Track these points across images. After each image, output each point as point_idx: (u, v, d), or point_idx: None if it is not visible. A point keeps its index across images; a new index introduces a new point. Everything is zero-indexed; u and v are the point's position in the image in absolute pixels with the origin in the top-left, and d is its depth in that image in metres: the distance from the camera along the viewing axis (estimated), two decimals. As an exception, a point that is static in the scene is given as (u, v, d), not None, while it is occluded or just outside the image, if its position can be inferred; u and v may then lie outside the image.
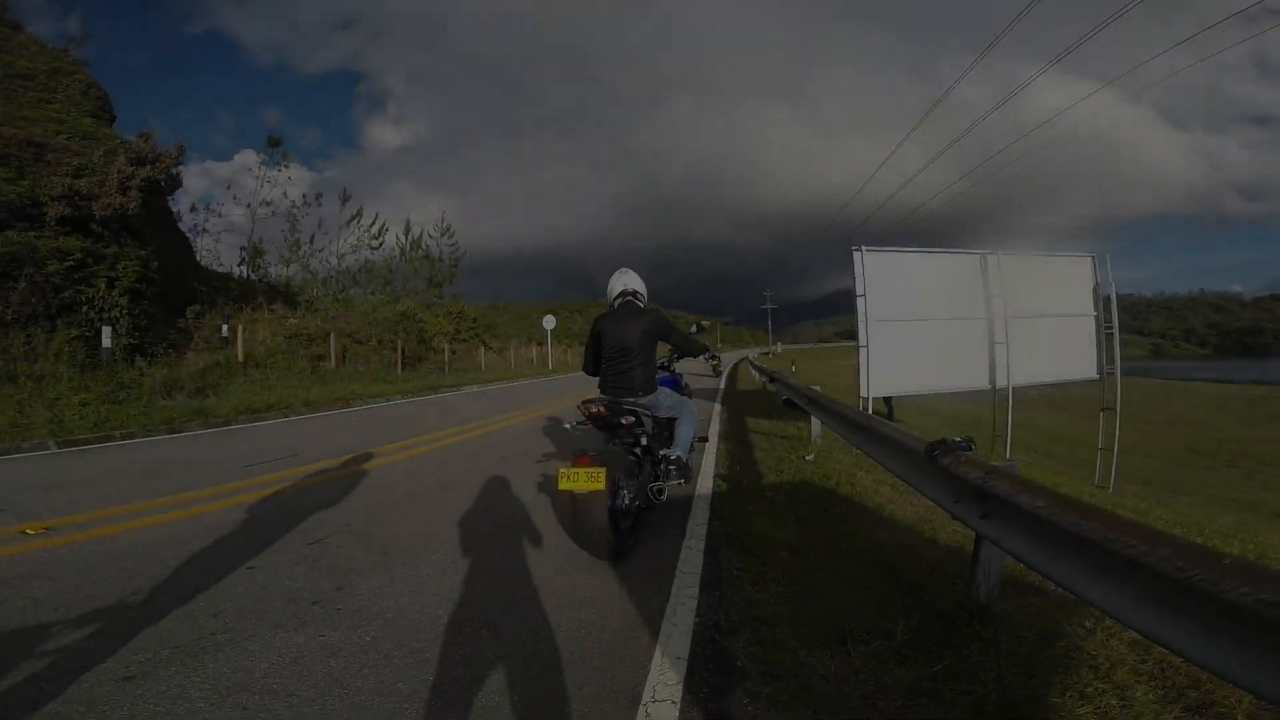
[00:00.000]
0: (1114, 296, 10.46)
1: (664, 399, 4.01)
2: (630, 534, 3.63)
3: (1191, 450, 19.35)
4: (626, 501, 3.55)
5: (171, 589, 2.99)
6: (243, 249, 22.04)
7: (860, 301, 8.79)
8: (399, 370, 19.26)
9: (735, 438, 8.22)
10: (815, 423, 8.11)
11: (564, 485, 3.14)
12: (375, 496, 4.84)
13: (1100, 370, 10.43)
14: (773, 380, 13.13)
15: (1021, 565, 2.42)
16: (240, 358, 13.79)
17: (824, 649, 2.53)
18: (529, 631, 2.64)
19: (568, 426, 4.32)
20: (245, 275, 21.14)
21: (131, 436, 8.61)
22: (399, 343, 20.30)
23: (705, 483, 5.49)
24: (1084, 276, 10.41)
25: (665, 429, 4.17)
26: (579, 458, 3.23)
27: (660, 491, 3.79)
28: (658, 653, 2.46)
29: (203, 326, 14.21)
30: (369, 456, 6.68)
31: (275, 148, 23.17)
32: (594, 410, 3.70)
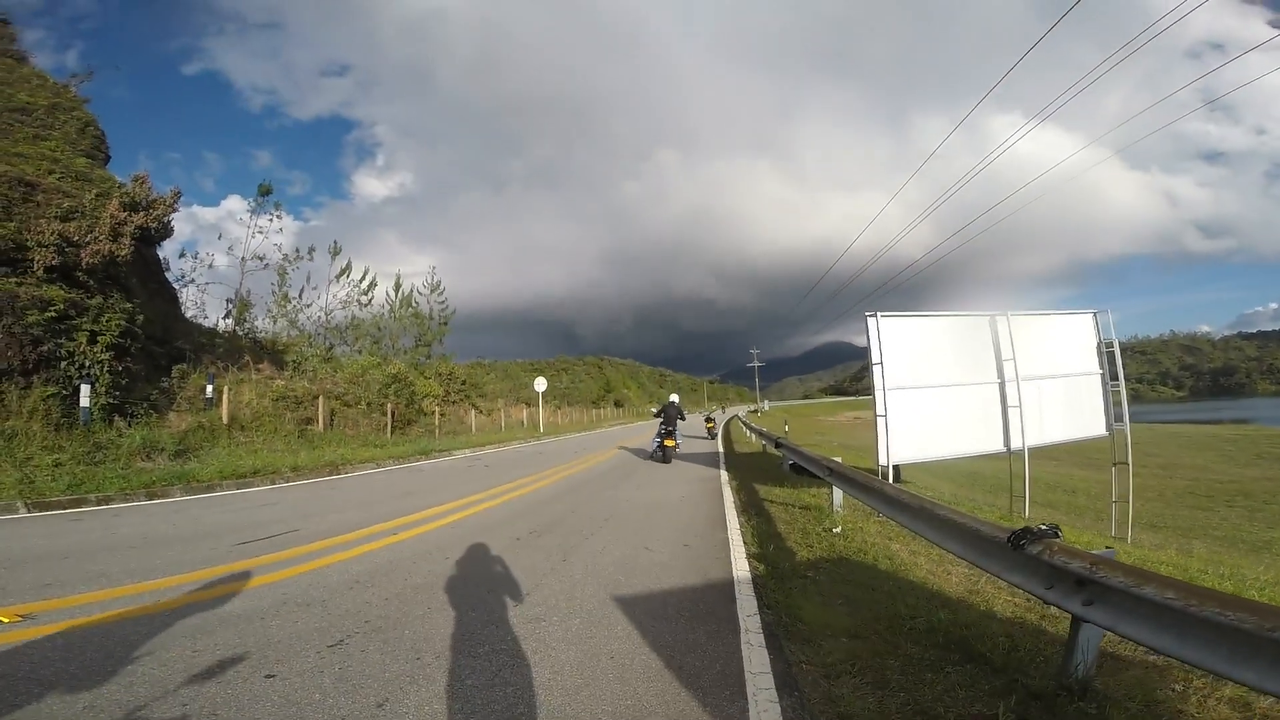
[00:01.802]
0: (1118, 354, 10.61)
1: (677, 433, 14.71)
2: (666, 458, 14.44)
3: (1189, 492, 19.53)
4: (663, 452, 14.48)
5: (180, 703, 2.55)
6: (229, 301, 21.49)
7: (877, 370, 8.70)
8: (388, 434, 18.66)
9: (753, 509, 7.89)
10: (837, 493, 7.85)
11: (667, 443, 14.52)
12: (391, 584, 4.37)
13: (1109, 427, 10.47)
14: (778, 445, 12.87)
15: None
16: (225, 420, 13.21)
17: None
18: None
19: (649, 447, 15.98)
20: (231, 330, 20.55)
21: (108, 501, 8.05)
22: (389, 406, 19.77)
23: (740, 563, 5.18)
24: (1087, 333, 10.60)
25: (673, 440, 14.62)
26: (666, 439, 14.61)
27: (668, 456, 14.56)
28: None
29: (186, 386, 13.66)
30: (375, 535, 6.21)
31: (266, 196, 22.98)
32: (662, 435, 14.77)
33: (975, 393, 9.63)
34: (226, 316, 21.27)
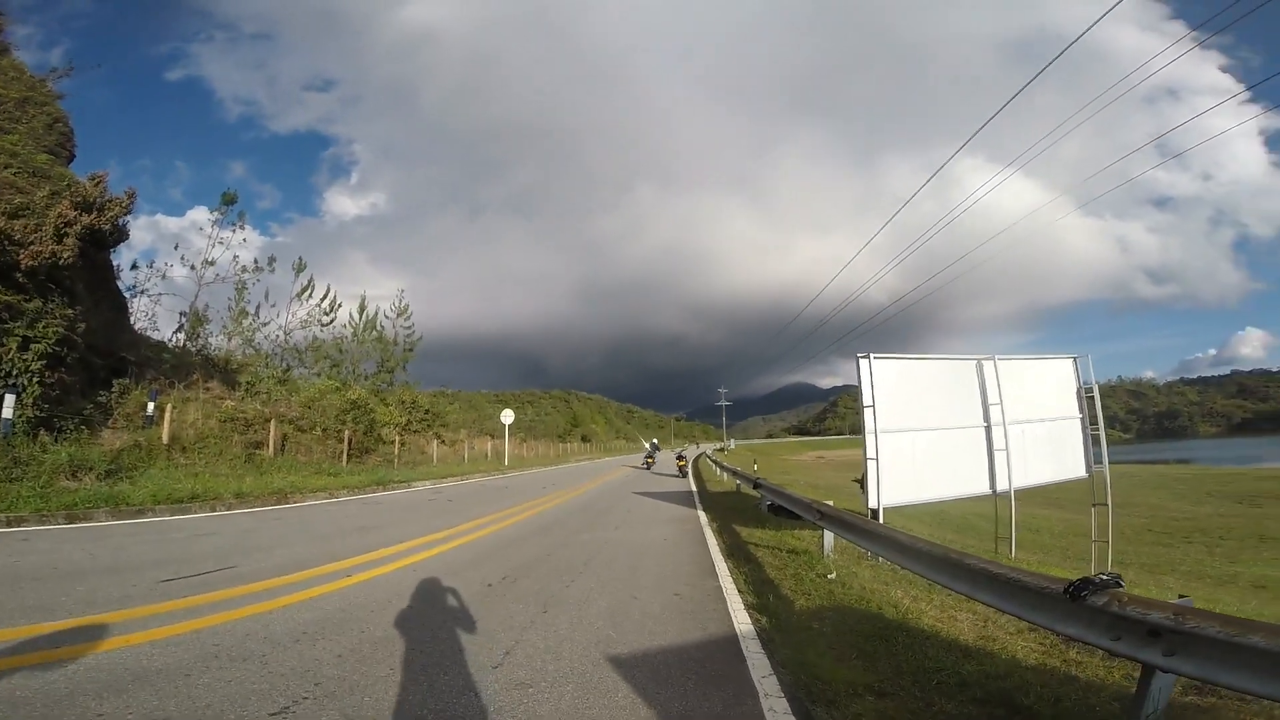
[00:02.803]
0: (1097, 397, 10.70)
1: (657, 457, 31.47)
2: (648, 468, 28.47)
3: (1147, 529, 19.90)
4: (648, 466, 28.93)
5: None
6: (183, 314, 20.21)
7: (868, 413, 8.42)
8: (344, 462, 17.61)
9: (739, 553, 7.40)
10: (828, 537, 7.46)
11: (649, 460, 29.97)
12: (345, 638, 3.72)
13: (1089, 468, 10.54)
14: (757, 486, 12.45)
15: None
16: (165, 440, 12.16)
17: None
18: None
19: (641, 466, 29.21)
20: (182, 345, 19.28)
21: (21, 522, 7.16)
22: (346, 432, 18.75)
23: (740, 615, 4.71)
24: (1067, 377, 10.67)
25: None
26: (649, 458, 30.35)
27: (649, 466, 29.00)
28: None
29: (126, 402, 12.59)
30: (326, 576, 5.53)
31: (230, 205, 21.92)
32: (648, 460, 29.99)
33: (963, 436, 9.48)
34: (178, 330, 20.04)
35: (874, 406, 8.44)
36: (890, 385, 8.74)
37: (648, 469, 28.43)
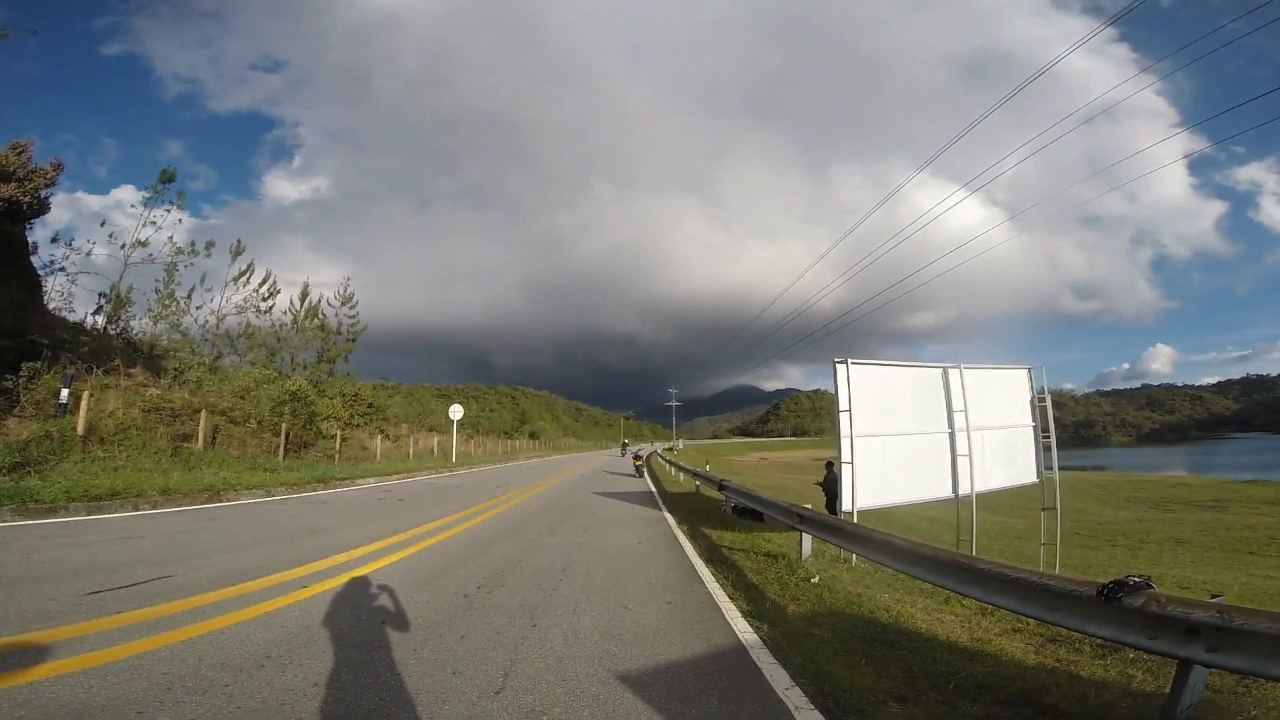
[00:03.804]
0: (1049, 406, 11.10)
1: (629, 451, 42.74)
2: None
3: (1074, 533, 20.98)
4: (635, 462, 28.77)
5: None
6: (103, 295, 18.47)
7: (844, 417, 8.40)
8: (281, 457, 16.51)
9: (719, 559, 7.20)
10: (807, 541, 7.39)
11: (635, 463, 27.82)
12: (318, 661, 3.25)
13: (1040, 474, 11.03)
14: (722, 488, 12.35)
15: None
16: (81, 430, 11.00)
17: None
18: None
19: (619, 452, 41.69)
20: (102, 328, 17.61)
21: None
22: (284, 425, 17.60)
23: (740, 624, 4.51)
24: (1022, 387, 11.04)
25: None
26: (636, 460, 28.89)
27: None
28: None
29: (36, 388, 11.33)
30: (280, 586, 4.99)
31: (167, 184, 20.24)
32: (630, 453, 38.56)
33: (928, 441, 9.63)
34: (98, 312, 18.32)
35: (850, 411, 8.43)
36: (864, 391, 8.77)
37: (622, 456, 32.90)
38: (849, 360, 8.59)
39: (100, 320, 18.05)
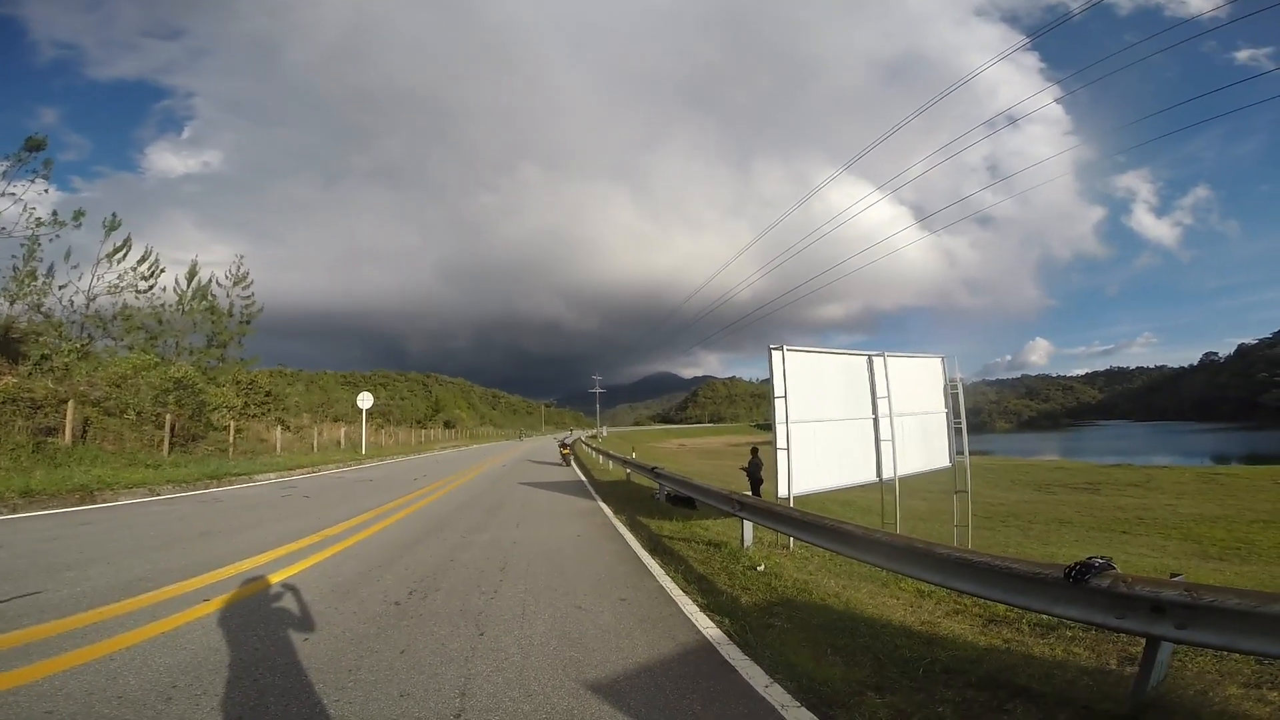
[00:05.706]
0: (961, 393, 11.82)
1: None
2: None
3: (972, 514, 22.50)
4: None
5: None
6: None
7: (780, 403, 8.45)
8: (166, 451, 14.82)
9: (662, 550, 7.04)
10: (748, 529, 7.38)
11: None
12: (235, 689, 2.76)
13: (952, 459, 11.72)
14: (657, 476, 12.25)
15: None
16: (-91, 424, 9.30)
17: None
18: None
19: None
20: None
21: None
22: (168, 416, 15.81)
23: (700, 618, 4.38)
24: (937, 374, 11.65)
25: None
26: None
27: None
28: None
29: None
30: (176, 600, 4.33)
31: (34, 152, 17.48)
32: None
33: (855, 427, 9.93)
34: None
35: (785, 397, 8.50)
36: (798, 377, 8.88)
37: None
38: (784, 347, 8.65)
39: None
